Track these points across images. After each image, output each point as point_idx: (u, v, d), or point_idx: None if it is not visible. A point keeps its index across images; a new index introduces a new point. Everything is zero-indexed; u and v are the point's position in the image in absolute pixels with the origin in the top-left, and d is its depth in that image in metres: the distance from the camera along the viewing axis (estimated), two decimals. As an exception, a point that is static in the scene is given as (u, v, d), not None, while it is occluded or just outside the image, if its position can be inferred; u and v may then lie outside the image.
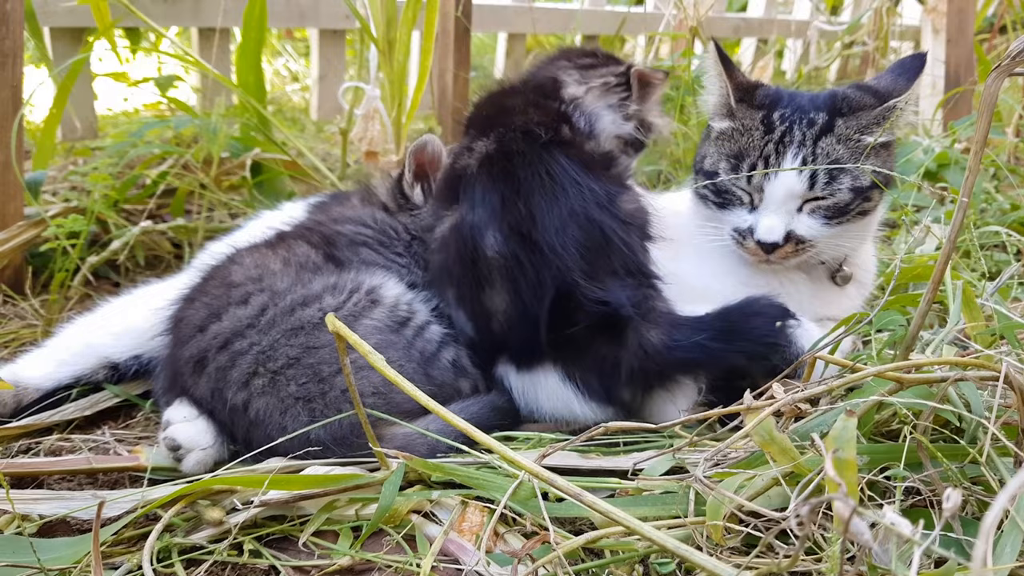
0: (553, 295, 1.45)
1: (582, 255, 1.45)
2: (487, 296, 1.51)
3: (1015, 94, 3.46)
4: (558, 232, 1.45)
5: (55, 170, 2.73)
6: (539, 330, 1.47)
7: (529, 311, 1.47)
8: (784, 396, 1.13)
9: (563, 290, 1.44)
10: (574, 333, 1.46)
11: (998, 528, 0.96)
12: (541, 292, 1.45)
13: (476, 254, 1.50)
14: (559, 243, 1.44)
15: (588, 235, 1.46)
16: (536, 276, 1.46)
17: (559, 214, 1.46)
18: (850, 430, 0.92)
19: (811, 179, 1.58)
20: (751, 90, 1.69)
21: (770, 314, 1.46)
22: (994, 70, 1.12)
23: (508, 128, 1.57)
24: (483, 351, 1.57)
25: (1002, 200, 2.51)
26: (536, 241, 1.46)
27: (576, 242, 1.45)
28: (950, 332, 1.31)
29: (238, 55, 2.77)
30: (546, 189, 1.48)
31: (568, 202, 1.47)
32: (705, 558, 0.89)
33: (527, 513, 1.21)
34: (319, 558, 1.19)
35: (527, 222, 1.46)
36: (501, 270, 1.48)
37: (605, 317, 1.44)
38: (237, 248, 1.62)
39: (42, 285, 2.22)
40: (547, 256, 1.45)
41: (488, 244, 1.49)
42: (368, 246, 1.66)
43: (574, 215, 1.46)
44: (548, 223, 1.45)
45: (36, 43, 2.49)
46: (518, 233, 1.47)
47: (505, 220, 1.48)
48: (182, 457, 1.38)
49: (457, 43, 2.91)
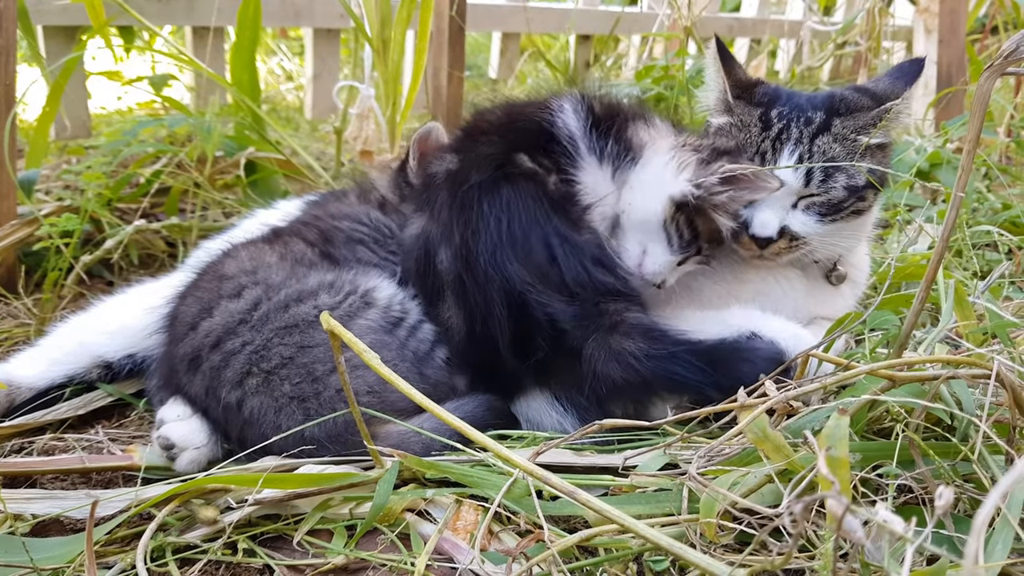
0: (507, 314, 1.43)
1: (528, 271, 1.43)
2: (442, 309, 1.52)
3: (1007, 94, 3.48)
4: (497, 250, 1.43)
5: (48, 169, 2.73)
6: (499, 354, 1.45)
7: (481, 331, 1.46)
8: (777, 394, 1.13)
9: (515, 308, 1.43)
10: (546, 357, 1.44)
11: (989, 525, 0.96)
12: (489, 310, 1.44)
13: (431, 266, 1.51)
14: (500, 261, 1.43)
15: (530, 251, 1.43)
16: (483, 297, 1.44)
17: (499, 236, 1.44)
18: (843, 428, 0.92)
19: (807, 176, 1.59)
20: (750, 87, 1.70)
21: (759, 365, 1.39)
22: (986, 70, 1.12)
23: (475, 148, 1.56)
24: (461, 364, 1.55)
25: (994, 199, 2.53)
26: (474, 263, 1.45)
27: (519, 259, 1.43)
28: (942, 331, 1.31)
29: (232, 54, 2.77)
30: (490, 217, 1.46)
31: (509, 227, 1.45)
32: (699, 556, 0.90)
33: (521, 511, 1.21)
34: (313, 557, 1.19)
35: (471, 243, 1.45)
36: (451, 286, 1.49)
37: (562, 334, 1.42)
38: (232, 243, 1.62)
39: (35, 284, 2.21)
40: (490, 275, 1.43)
41: (440, 259, 1.50)
42: (364, 244, 1.67)
43: (513, 238, 1.44)
44: (485, 247, 1.44)
45: (29, 41, 2.48)
46: (463, 253, 1.46)
47: (455, 236, 1.47)
48: (176, 456, 1.38)
49: (451, 42, 2.91)
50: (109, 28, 2.75)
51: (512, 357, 1.46)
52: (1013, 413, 1.11)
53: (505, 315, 1.43)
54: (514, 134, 1.57)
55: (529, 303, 1.42)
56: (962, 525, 1.08)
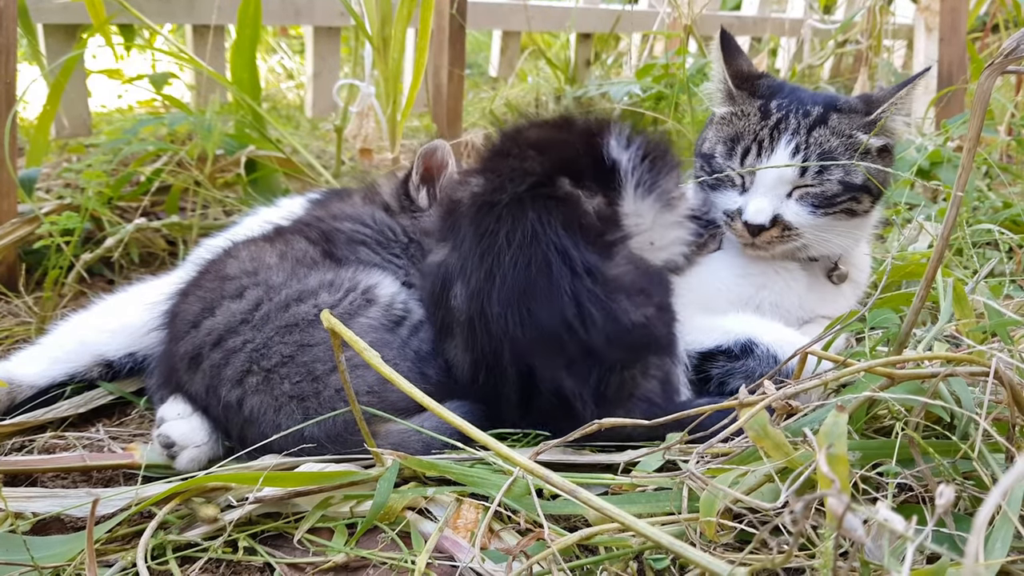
0: (514, 374, 1.39)
1: (542, 336, 1.37)
2: (449, 346, 1.48)
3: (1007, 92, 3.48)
4: (511, 308, 1.37)
5: (49, 167, 2.73)
6: (500, 399, 1.42)
7: (484, 380, 1.42)
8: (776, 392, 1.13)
9: (523, 372, 1.39)
10: (548, 407, 1.40)
11: (989, 523, 0.96)
12: (496, 363, 1.40)
13: (444, 299, 1.47)
14: (513, 320, 1.37)
15: (550, 305, 1.36)
16: (492, 350, 1.40)
17: (515, 286, 1.38)
18: (841, 425, 0.92)
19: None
20: (752, 78, 1.73)
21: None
22: (987, 68, 1.12)
23: (501, 171, 1.50)
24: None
25: (994, 198, 2.53)
26: (488, 314, 1.39)
27: (534, 318, 1.37)
28: (941, 328, 1.31)
29: (233, 52, 2.77)
30: (514, 253, 1.39)
31: (528, 272, 1.38)
32: (699, 554, 0.90)
33: (522, 510, 1.21)
34: (314, 555, 1.19)
35: (486, 288, 1.39)
36: (461, 326, 1.44)
37: (568, 403, 1.38)
38: (234, 242, 1.62)
39: (36, 282, 2.21)
40: (496, 333, 1.39)
41: (454, 294, 1.45)
42: (366, 245, 1.66)
43: (532, 287, 1.37)
44: (500, 296, 1.38)
45: (29, 40, 2.49)
46: (478, 298, 1.41)
47: (472, 276, 1.42)
48: (176, 454, 1.38)
49: (452, 40, 2.91)
50: (109, 26, 2.75)
51: (513, 406, 1.43)
52: (1012, 411, 1.11)
53: (513, 374, 1.39)
54: (558, 153, 1.52)
55: (538, 374, 1.38)
56: (962, 523, 1.08)
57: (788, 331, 1.60)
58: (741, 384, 1.25)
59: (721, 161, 1.68)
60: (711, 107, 1.80)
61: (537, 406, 1.40)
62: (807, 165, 1.59)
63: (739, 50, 1.79)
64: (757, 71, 1.77)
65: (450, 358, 1.47)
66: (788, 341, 1.53)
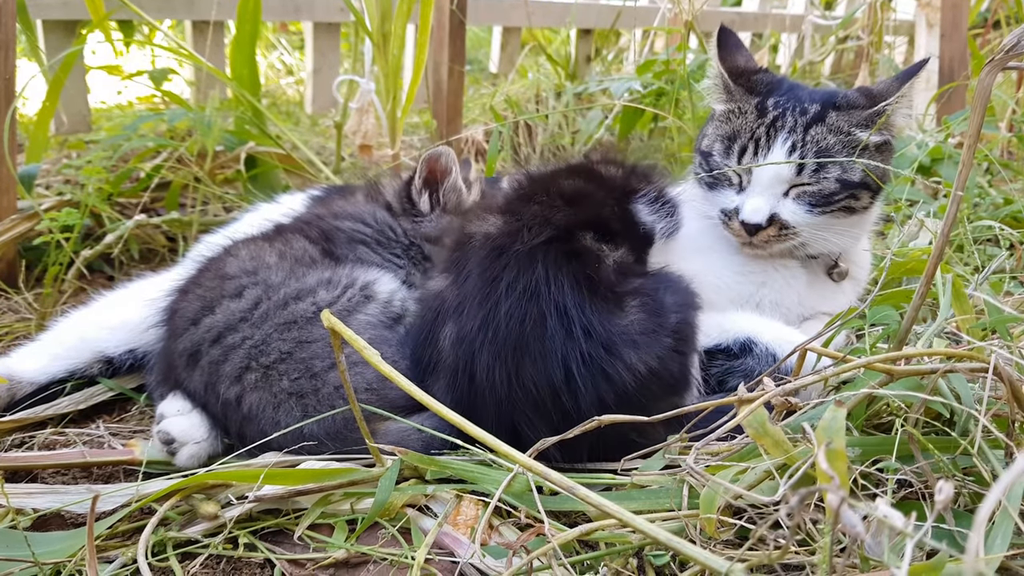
0: (494, 428, 1.28)
1: (527, 398, 1.32)
2: (432, 384, 1.40)
3: (1008, 89, 3.47)
4: (499, 363, 1.32)
5: (48, 163, 2.73)
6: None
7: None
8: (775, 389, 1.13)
9: (504, 428, 1.31)
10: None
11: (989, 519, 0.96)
12: (476, 416, 1.27)
13: (433, 336, 1.42)
14: (499, 376, 1.32)
15: (542, 366, 1.31)
16: (473, 401, 1.34)
17: (507, 341, 1.32)
18: (839, 420, 0.92)
19: (799, 164, 1.59)
20: (749, 74, 1.72)
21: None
22: (988, 65, 1.12)
23: (523, 216, 1.44)
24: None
25: (995, 194, 2.52)
26: (476, 364, 1.34)
27: (522, 378, 1.32)
28: (940, 325, 1.31)
29: (232, 48, 2.76)
30: (512, 305, 1.34)
31: (522, 329, 1.32)
32: (697, 550, 0.90)
33: (521, 506, 1.21)
34: (314, 551, 1.19)
35: (479, 337, 1.34)
36: (446, 369, 1.39)
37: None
38: (234, 240, 1.62)
39: (36, 279, 2.21)
40: (480, 385, 1.34)
41: (444, 334, 1.40)
42: (366, 244, 1.66)
43: (524, 346, 1.32)
44: (490, 350, 1.33)
45: (28, 36, 2.48)
46: (469, 345, 1.35)
47: (467, 320, 1.36)
48: (176, 451, 1.38)
49: (452, 37, 2.90)
50: (108, 22, 2.74)
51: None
52: (1012, 407, 1.11)
53: (493, 427, 1.26)
54: (588, 209, 1.49)
55: (520, 434, 1.32)
56: (962, 519, 1.08)
57: (787, 330, 1.59)
58: (740, 383, 1.23)
59: (719, 159, 1.68)
60: (710, 104, 1.79)
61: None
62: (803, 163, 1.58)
63: (739, 45, 1.79)
64: (755, 67, 1.77)
65: (430, 388, 1.39)
66: (787, 340, 1.53)
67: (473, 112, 3.73)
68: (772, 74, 1.76)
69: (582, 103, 3.46)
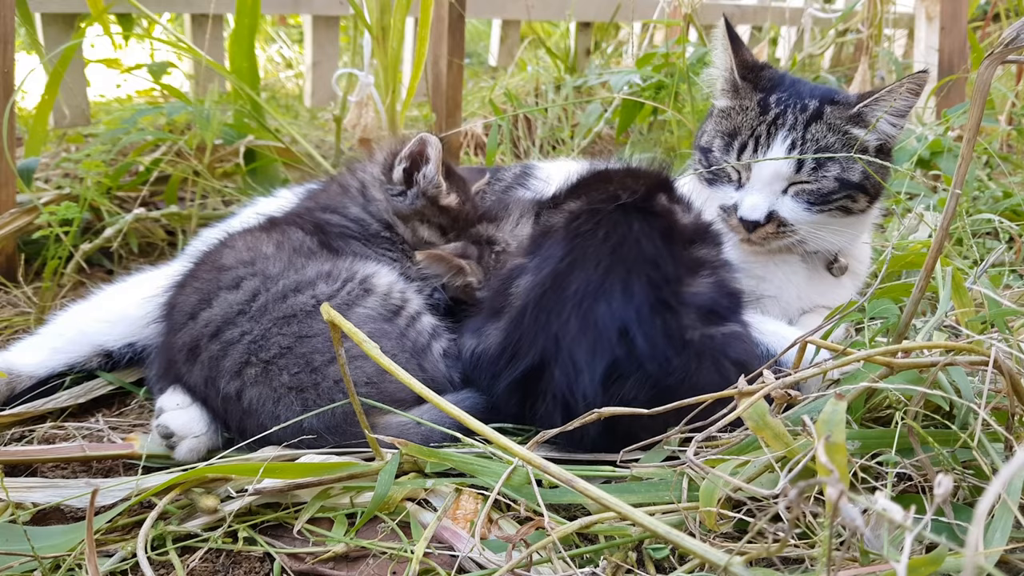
0: (534, 364, 1.37)
1: (586, 345, 1.33)
2: (487, 325, 1.45)
3: (1008, 82, 3.47)
4: (578, 304, 1.35)
5: (47, 157, 2.72)
6: (515, 384, 1.39)
7: (505, 367, 1.39)
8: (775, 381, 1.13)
9: (540, 362, 1.36)
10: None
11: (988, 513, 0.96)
12: (527, 353, 1.37)
13: (508, 285, 1.46)
14: (561, 322, 1.35)
15: (609, 317, 1.33)
16: (530, 342, 1.37)
17: (594, 282, 1.36)
18: (839, 413, 0.92)
19: (798, 162, 1.59)
20: (756, 70, 1.71)
21: None
22: (987, 57, 1.12)
23: (605, 190, 1.53)
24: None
25: (994, 188, 2.52)
26: (541, 306, 1.38)
27: (585, 327, 1.34)
28: (940, 318, 1.31)
29: (231, 41, 2.76)
30: (602, 251, 1.39)
31: (615, 274, 1.37)
32: (696, 543, 0.90)
33: (521, 499, 1.21)
34: (314, 545, 1.19)
35: (548, 280, 1.39)
36: (511, 311, 1.42)
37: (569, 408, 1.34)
38: (230, 232, 1.62)
39: (35, 272, 2.21)
40: (543, 327, 1.36)
41: (518, 284, 1.44)
42: (357, 239, 1.65)
43: (610, 290, 1.35)
44: (577, 287, 1.36)
45: (27, 29, 2.48)
46: (539, 290, 1.39)
47: (543, 269, 1.41)
48: (175, 445, 1.38)
49: (451, 30, 2.90)
50: (107, 15, 2.73)
51: (514, 397, 1.41)
52: (1011, 400, 1.11)
53: (529, 364, 1.36)
54: (650, 178, 1.59)
55: (559, 381, 1.34)
56: (961, 513, 1.08)
57: (787, 327, 1.59)
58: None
59: (718, 155, 1.67)
60: (712, 96, 1.79)
61: (541, 406, 1.38)
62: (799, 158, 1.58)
63: (741, 39, 1.79)
64: (760, 62, 1.77)
65: (482, 331, 1.45)
66: (785, 337, 1.53)
67: (472, 105, 3.72)
68: (775, 70, 1.76)
69: (581, 96, 3.46)
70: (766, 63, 1.79)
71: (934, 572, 0.89)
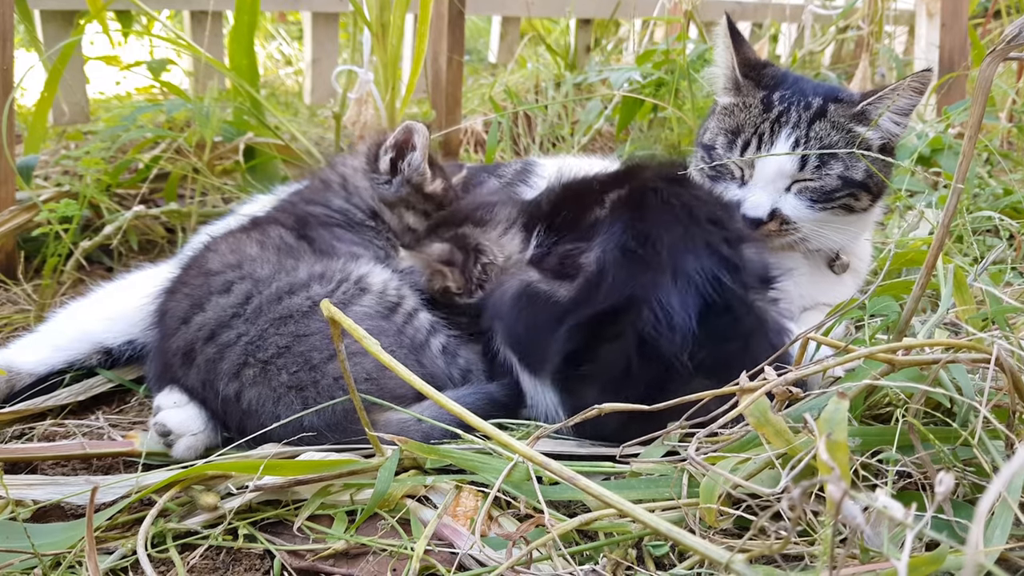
0: (609, 321, 1.37)
1: (661, 289, 1.36)
2: (558, 283, 1.44)
3: (1009, 79, 3.46)
4: (661, 250, 1.38)
5: (47, 154, 2.72)
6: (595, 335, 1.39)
7: (578, 324, 1.39)
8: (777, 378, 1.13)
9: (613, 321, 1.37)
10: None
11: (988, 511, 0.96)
12: (600, 303, 1.38)
13: (574, 258, 1.45)
14: (652, 262, 1.38)
15: (695, 265, 1.37)
16: (607, 286, 1.38)
17: (675, 236, 1.40)
18: (842, 412, 0.92)
19: (802, 160, 1.59)
20: (758, 68, 1.71)
21: None
22: (989, 54, 1.12)
23: (642, 176, 1.55)
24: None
25: (995, 185, 2.52)
26: (627, 250, 1.40)
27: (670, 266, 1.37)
28: (941, 316, 1.31)
29: (231, 38, 2.75)
30: (668, 216, 1.43)
31: (687, 235, 1.41)
32: (697, 540, 0.90)
33: (521, 496, 1.21)
34: (314, 542, 1.19)
35: (642, 239, 1.40)
36: (586, 274, 1.42)
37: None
38: (213, 236, 1.62)
39: (35, 270, 2.21)
40: (621, 276, 1.38)
41: (587, 259, 1.43)
42: (341, 227, 1.65)
43: (689, 246, 1.39)
44: (655, 240, 1.39)
45: (26, 26, 2.47)
46: (612, 255, 1.40)
47: (609, 242, 1.42)
48: (173, 443, 1.38)
49: (451, 26, 2.89)
50: (106, 12, 2.73)
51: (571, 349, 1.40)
52: (1013, 398, 1.11)
53: (603, 308, 1.37)
54: (675, 165, 1.62)
55: (647, 320, 1.34)
56: (961, 510, 1.08)
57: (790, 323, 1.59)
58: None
59: (721, 152, 1.67)
60: (714, 93, 1.79)
61: (609, 348, 1.37)
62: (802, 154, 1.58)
63: (743, 36, 1.79)
64: (762, 60, 1.77)
65: (547, 288, 1.45)
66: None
67: (472, 102, 3.72)
68: (777, 67, 1.76)
69: (581, 93, 3.45)
70: (768, 61, 1.78)
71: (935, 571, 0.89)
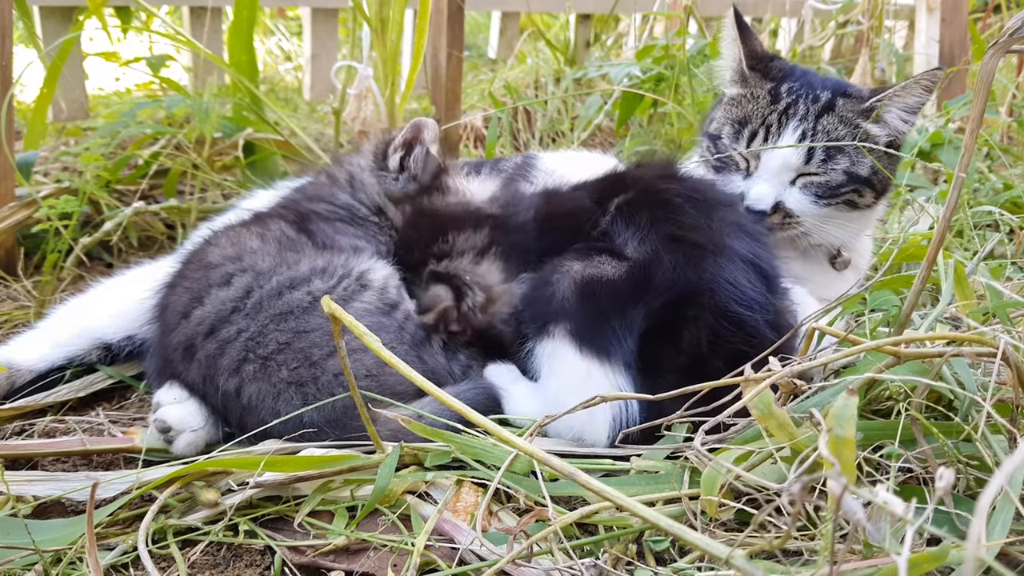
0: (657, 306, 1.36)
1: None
2: (602, 260, 1.42)
3: (1009, 73, 3.46)
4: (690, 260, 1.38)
5: (46, 150, 2.72)
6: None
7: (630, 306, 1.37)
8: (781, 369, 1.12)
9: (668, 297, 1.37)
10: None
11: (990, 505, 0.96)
12: (651, 279, 1.38)
13: (613, 248, 1.44)
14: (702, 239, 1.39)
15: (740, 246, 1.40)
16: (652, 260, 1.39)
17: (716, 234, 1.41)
18: (851, 408, 0.92)
19: (808, 153, 1.59)
20: (765, 60, 1.71)
21: None
22: (991, 48, 1.11)
23: (640, 180, 1.55)
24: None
25: (995, 180, 2.52)
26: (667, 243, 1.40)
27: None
28: (943, 309, 1.31)
29: (230, 34, 2.75)
30: (696, 207, 1.44)
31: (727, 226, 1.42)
32: (697, 536, 0.89)
33: (521, 490, 1.21)
34: (315, 538, 1.19)
35: (689, 228, 1.41)
36: (633, 256, 1.41)
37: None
38: (212, 230, 1.62)
39: (34, 266, 2.21)
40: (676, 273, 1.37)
41: (629, 248, 1.43)
42: (343, 221, 1.65)
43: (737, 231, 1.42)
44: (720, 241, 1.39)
45: (25, 22, 2.47)
46: (674, 240, 1.40)
47: (664, 230, 1.41)
48: (173, 439, 1.38)
49: (450, 22, 2.89)
50: (105, 8, 2.73)
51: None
52: (1017, 392, 1.11)
53: (672, 297, 1.36)
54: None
55: (720, 299, 1.35)
56: (962, 504, 1.08)
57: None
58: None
59: (727, 143, 1.67)
60: (720, 86, 1.79)
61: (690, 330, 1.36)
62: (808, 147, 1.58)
63: (750, 28, 1.78)
64: (769, 52, 1.76)
65: (595, 267, 1.43)
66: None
67: (472, 98, 3.71)
68: (784, 60, 1.76)
69: (581, 88, 3.45)
70: (775, 54, 1.78)
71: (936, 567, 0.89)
